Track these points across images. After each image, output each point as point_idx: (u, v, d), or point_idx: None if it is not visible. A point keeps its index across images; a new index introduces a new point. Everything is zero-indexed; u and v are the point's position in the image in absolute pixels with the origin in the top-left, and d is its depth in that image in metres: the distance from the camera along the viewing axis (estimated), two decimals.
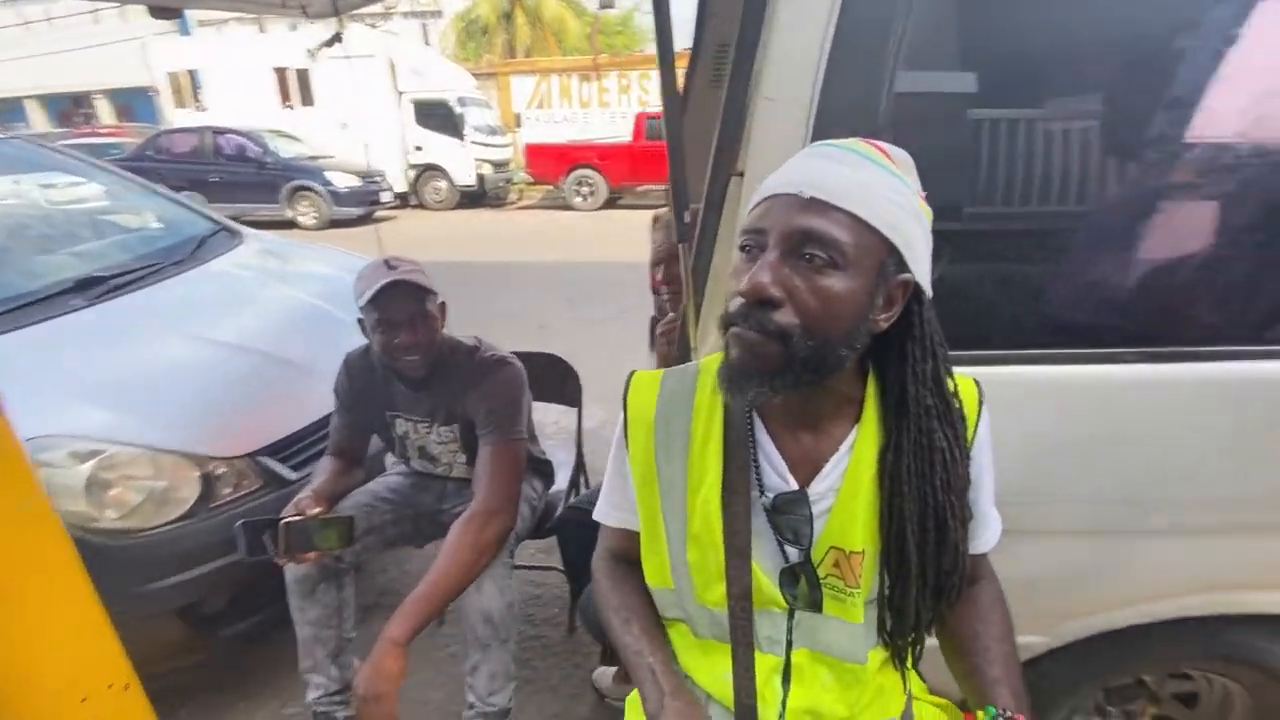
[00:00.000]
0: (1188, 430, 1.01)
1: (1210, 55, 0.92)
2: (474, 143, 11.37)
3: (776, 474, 0.76)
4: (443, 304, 1.50)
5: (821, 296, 0.64)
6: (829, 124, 0.85)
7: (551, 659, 1.93)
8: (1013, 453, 0.92)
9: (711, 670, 0.80)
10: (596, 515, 0.90)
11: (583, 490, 2.10)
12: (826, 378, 0.69)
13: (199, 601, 1.64)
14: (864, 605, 0.75)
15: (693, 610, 0.80)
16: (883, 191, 0.65)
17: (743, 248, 0.69)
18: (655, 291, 2.87)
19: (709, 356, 0.86)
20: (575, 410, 2.12)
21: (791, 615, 0.77)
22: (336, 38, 1.98)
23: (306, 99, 11.47)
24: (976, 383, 0.80)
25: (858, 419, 0.74)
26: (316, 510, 1.37)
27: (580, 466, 2.11)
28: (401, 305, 1.38)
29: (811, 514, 0.74)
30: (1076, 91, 1.02)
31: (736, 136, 0.96)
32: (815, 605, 0.76)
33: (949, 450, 0.72)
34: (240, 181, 9.41)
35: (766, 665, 0.77)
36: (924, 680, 0.91)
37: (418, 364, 1.43)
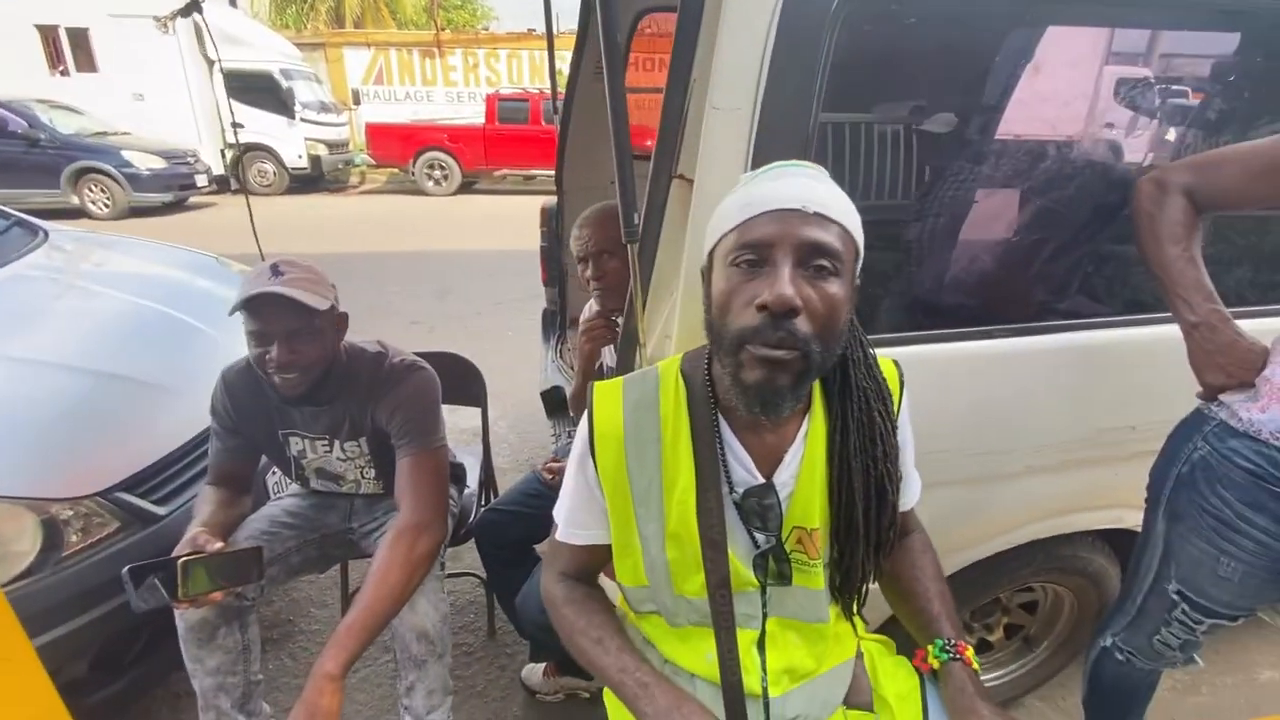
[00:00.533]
0: (1036, 390, 1.23)
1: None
2: (304, 120, 10.27)
3: (744, 469, 0.81)
4: (342, 315, 1.38)
5: (829, 304, 0.69)
6: (769, 134, 0.92)
7: (476, 665, 1.88)
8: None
9: (694, 653, 0.85)
10: (561, 538, 0.90)
11: (493, 493, 2.06)
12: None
13: (54, 672, 1.39)
14: (823, 572, 0.84)
15: (670, 602, 0.84)
16: (849, 204, 0.73)
17: (740, 262, 0.71)
18: (547, 284, 2.85)
19: (666, 361, 0.89)
20: (478, 411, 2.05)
21: (764, 591, 0.83)
22: (195, 5, 1.69)
23: (85, 64, 9.62)
24: (895, 363, 0.91)
25: (807, 410, 0.82)
26: (218, 545, 1.22)
27: (489, 468, 2.06)
28: (279, 317, 1.23)
29: (779, 501, 0.81)
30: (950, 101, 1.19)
31: (675, 141, 1.00)
32: (785, 579, 0.83)
33: (884, 425, 0.83)
34: (2, 162, 7.71)
35: (746, 638, 0.83)
36: (865, 621, 1.03)
37: (294, 383, 1.29)
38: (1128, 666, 1.20)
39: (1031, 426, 1.26)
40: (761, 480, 0.81)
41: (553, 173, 2.56)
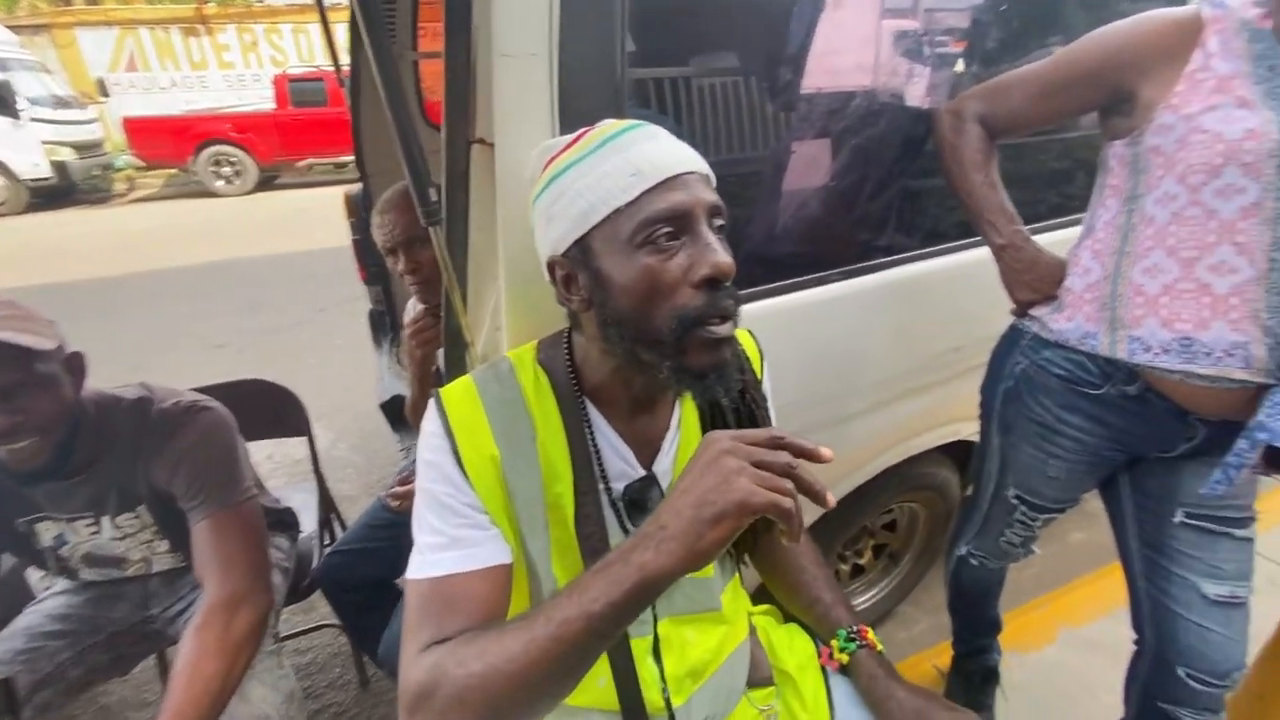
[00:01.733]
0: (868, 330, 1.26)
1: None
2: (36, 120, 8.39)
3: (623, 462, 0.73)
4: (75, 355, 1.07)
5: (735, 264, 0.63)
6: (575, 82, 0.80)
7: None
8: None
9: (583, 684, 0.74)
10: (427, 571, 0.63)
11: (338, 530, 1.81)
12: None
13: None
14: None
15: None
16: None
17: (656, 238, 0.61)
18: (368, 282, 2.53)
19: (517, 350, 0.78)
20: (304, 440, 1.77)
21: None
22: None
23: None
24: (750, 332, 0.86)
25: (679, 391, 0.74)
26: None
27: (327, 503, 1.80)
28: None
29: (662, 493, 0.73)
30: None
31: (467, 100, 0.84)
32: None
33: (755, 398, 0.78)
34: None
35: (640, 648, 0.75)
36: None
37: (28, 453, 1.02)
38: (982, 569, 1.30)
39: (869, 364, 1.30)
40: (642, 472, 0.73)
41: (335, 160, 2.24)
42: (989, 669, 1.44)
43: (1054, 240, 1.09)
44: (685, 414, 0.78)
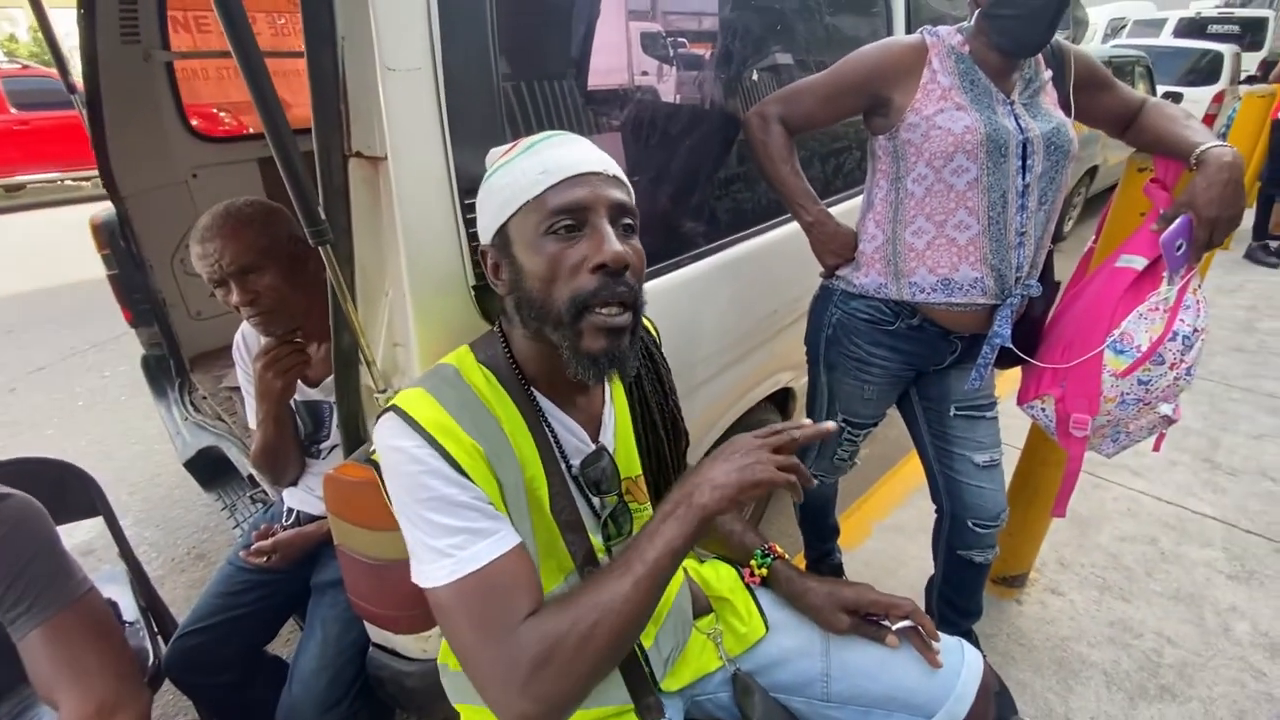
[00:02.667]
0: (708, 306, 1.45)
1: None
2: None
3: (576, 439, 0.80)
4: None
5: (640, 258, 0.72)
6: (459, 95, 0.82)
7: None
8: None
9: None
10: (464, 568, 0.63)
11: (167, 613, 1.53)
12: None
13: None
14: (651, 511, 0.88)
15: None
16: None
17: (557, 229, 0.69)
18: (135, 324, 2.10)
19: (454, 353, 0.80)
20: (94, 522, 1.47)
21: (609, 554, 0.83)
22: None
23: None
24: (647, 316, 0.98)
25: None
26: None
27: (146, 587, 1.52)
28: None
29: (612, 461, 0.81)
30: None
31: (339, 113, 0.82)
32: (626, 532, 0.85)
33: (664, 365, 0.90)
34: None
35: None
36: None
37: None
38: (822, 486, 1.59)
39: (709, 337, 1.49)
40: (593, 446, 0.82)
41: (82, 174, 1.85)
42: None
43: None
44: (615, 390, 0.87)
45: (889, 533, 2.04)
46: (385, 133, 0.78)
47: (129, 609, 1.42)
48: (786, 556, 0.99)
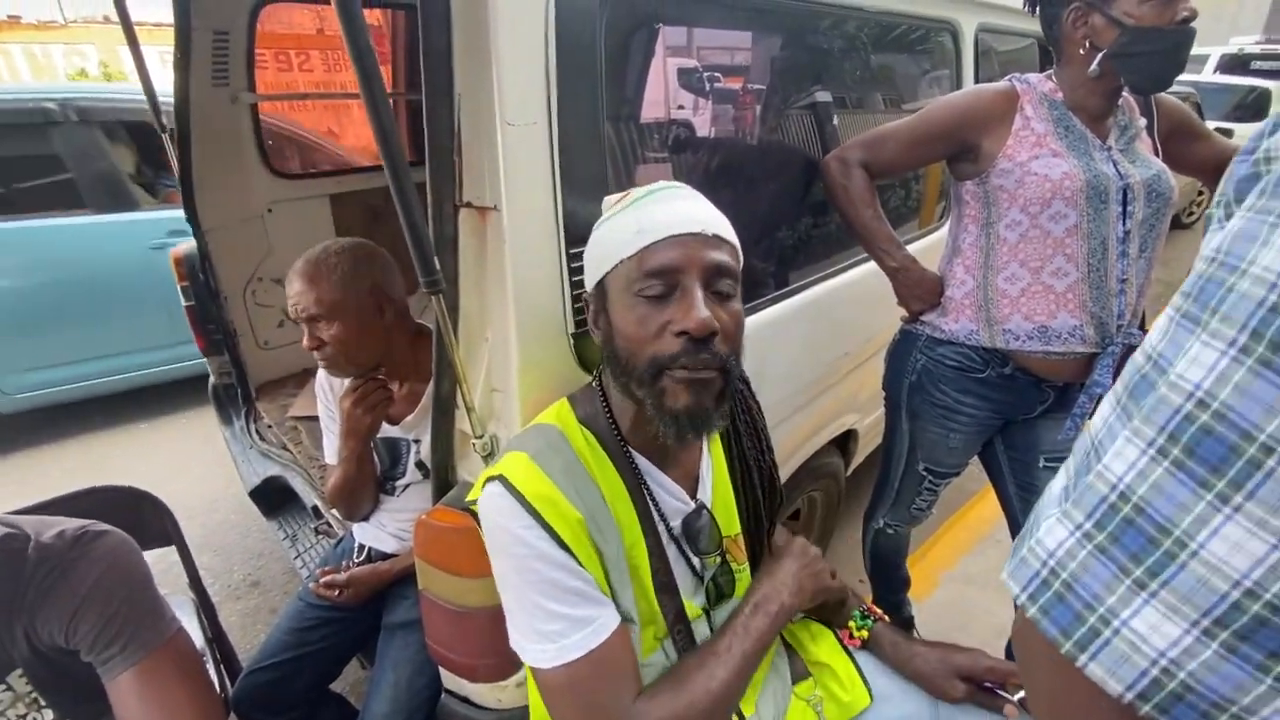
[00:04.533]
0: (788, 347, 1.43)
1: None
2: None
3: (675, 500, 0.79)
4: None
5: (736, 323, 0.70)
6: (569, 148, 0.83)
7: None
8: None
9: None
10: (572, 653, 0.66)
11: (230, 644, 1.54)
12: None
13: None
14: (749, 571, 0.86)
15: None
16: (728, 222, 0.74)
17: (647, 292, 0.68)
18: (208, 353, 2.16)
19: (549, 414, 0.80)
20: (175, 550, 1.50)
21: (708, 615, 0.81)
22: None
23: None
24: None
25: None
26: None
27: (213, 618, 1.53)
28: None
29: (713, 519, 0.79)
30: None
31: (452, 164, 0.83)
32: (726, 595, 0.83)
33: (760, 420, 0.88)
34: None
35: None
36: None
37: None
38: (896, 536, 1.53)
39: (782, 379, 1.47)
40: (693, 505, 0.80)
41: None
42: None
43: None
44: (713, 446, 0.85)
45: (958, 584, 1.96)
46: (501, 184, 0.79)
47: (196, 639, 1.43)
48: (888, 619, 0.95)
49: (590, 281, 0.77)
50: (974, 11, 1.84)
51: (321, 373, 1.34)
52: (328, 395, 1.33)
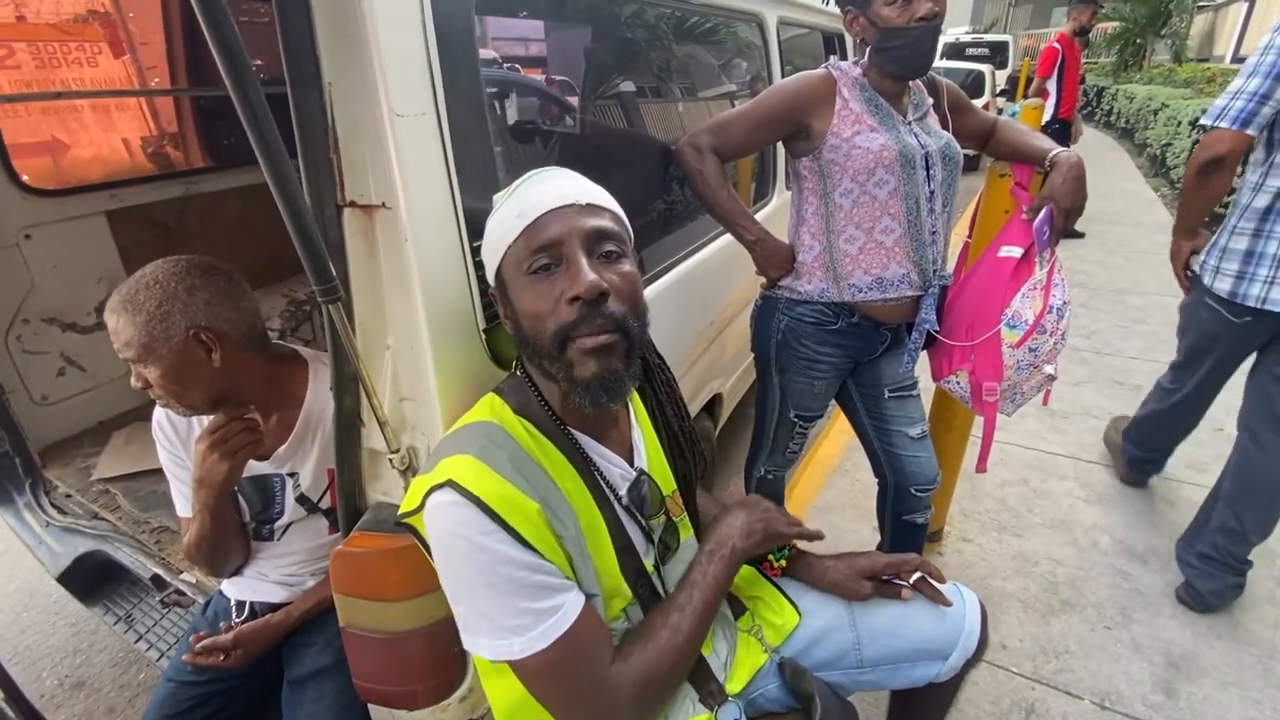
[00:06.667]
0: (667, 320, 1.52)
1: None
2: None
3: (618, 470, 0.82)
4: None
5: (628, 282, 0.73)
6: (461, 137, 0.81)
7: None
8: None
9: None
10: (547, 639, 0.66)
11: None
12: None
13: None
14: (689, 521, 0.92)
15: None
16: (607, 193, 0.78)
17: (536, 269, 0.71)
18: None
19: (478, 410, 0.78)
20: None
21: (659, 572, 0.86)
22: None
23: None
24: None
25: None
26: None
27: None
28: None
29: (654, 483, 0.84)
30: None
31: (331, 162, 0.77)
32: (673, 548, 0.89)
33: (673, 381, 0.94)
34: None
35: None
36: None
37: None
38: (776, 480, 1.70)
39: (667, 352, 1.55)
40: (634, 473, 0.84)
41: None
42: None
43: None
44: (638, 412, 0.90)
45: (821, 513, 2.22)
46: (396, 179, 0.75)
47: None
48: (798, 546, 1.07)
49: (490, 274, 0.78)
50: (775, 6, 2.05)
51: (159, 412, 1.15)
52: (170, 437, 1.15)
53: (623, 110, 1.64)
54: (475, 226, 0.84)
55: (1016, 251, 1.40)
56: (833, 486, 2.36)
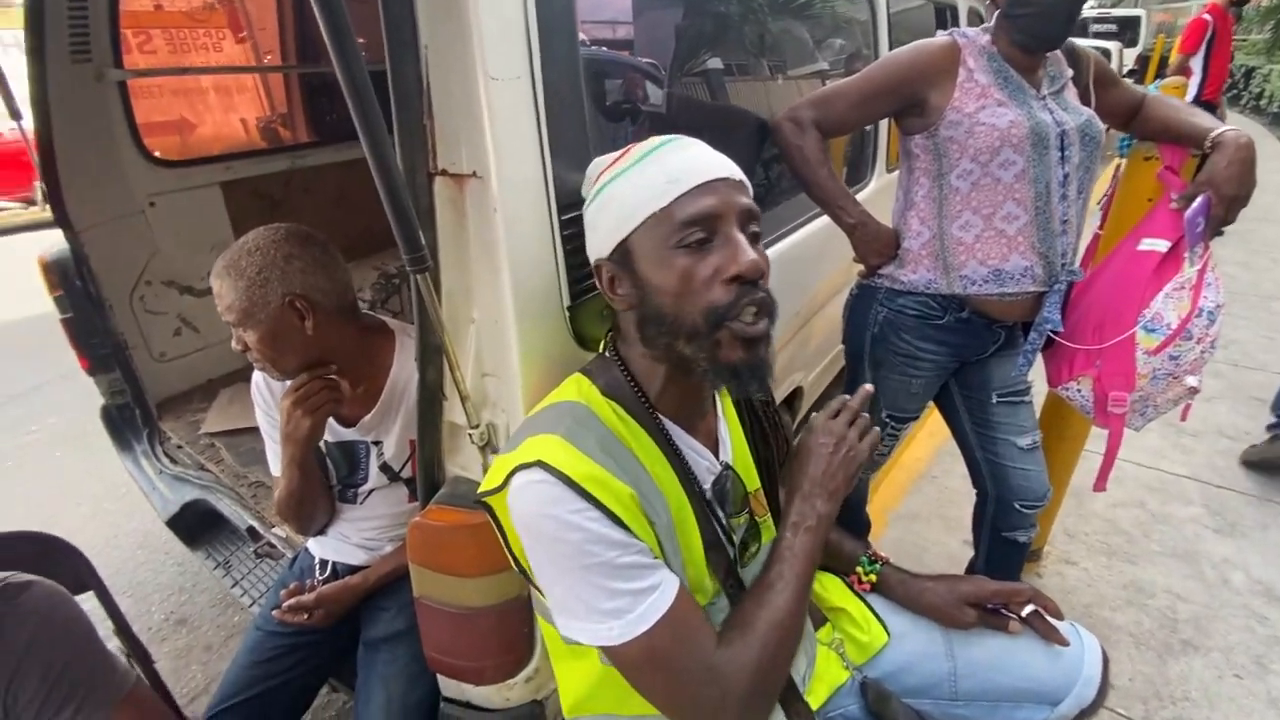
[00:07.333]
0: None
1: None
2: None
3: (705, 461, 0.78)
4: None
5: (766, 263, 0.69)
6: (556, 103, 0.77)
7: None
8: None
9: None
10: (644, 624, 0.62)
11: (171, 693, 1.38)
12: None
13: None
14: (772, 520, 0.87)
15: None
16: None
17: (688, 242, 0.66)
18: (93, 372, 1.88)
19: (565, 390, 0.75)
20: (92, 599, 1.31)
21: (739, 569, 0.80)
22: None
23: None
24: None
25: None
26: None
27: (148, 666, 1.36)
28: None
29: (738, 477, 0.79)
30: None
31: (424, 129, 0.75)
32: (755, 548, 0.83)
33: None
34: None
35: None
36: None
37: None
38: (859, 482, 1.59)
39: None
40: (720, 466, 0.79)
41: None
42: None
43: None
44: (725, 405, 0.85)
45: (905, 521, 2.09)
46: (487, 147, 0.72)
47: None
48: (891, 561, 0.98)
49: (606, 246, 0.72)
50: None
51: (258, 374, 1.20)
52: (267, 399, 1.20)
53: (709, 90, 1.56)
54: (566, 199, 0.80)
55: (1161, 245, 1.23)
56: (919, 493, 2.21)
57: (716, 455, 0.80)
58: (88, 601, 1.22)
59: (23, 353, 3.80)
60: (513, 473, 0.65)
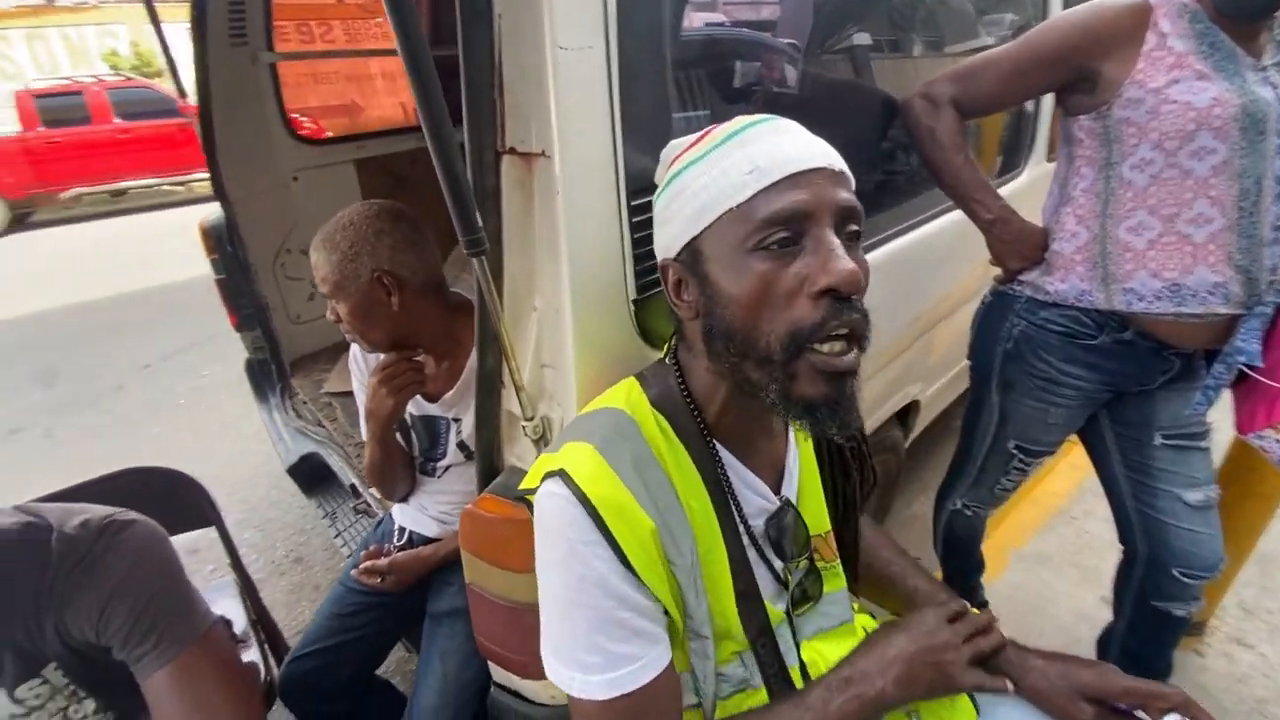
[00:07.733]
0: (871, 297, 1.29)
1: None
2: None
3: (758, 496, 0.68)
4: None
5: (865, 272, 0.57)
6: (632, 78, 0.70)
7: None
8: None
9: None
10: (613, 690, 0.57)
11: (275, 625, 1.50)
12: None
13: None
14: (841, 568, 0.75)
15: (709, 683, 0.66)
16: None
17: (770, 244, 0.55)
18: (240, 328, 2.11)
19: (616, 394, 0.68)
20: (213, 532, 1.45)
21: (790, 621, 0.71)
22: None
23: None
24: None
25: None
26: None
27: (256, 601, 1.49)
28: None
29: (800, 519, 0.69)
30: None
31: (494, 105, 0.71)
32: (813, 599, 0.72)
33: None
34: None
35: (793, 675, 0.70)
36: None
37: None
38: (973, 519, 1.40)
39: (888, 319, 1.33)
40: (778, 502, 0.68)
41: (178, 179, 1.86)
42: (982, 605, 1.57)
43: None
44: (797, 431, 0.73)
45: (1030, 564, 1.82)
46: (552, 124, 0.66)
47: (239, 621, 1.40)
48: (997, 623, 0.83)
49: (677, 243, 0.61)
50: None
51: (354, 347, 1.26)
52: (361, 369, 1.25)
53: (853, 67, 1.40)
54: (637, 183, 0.73)
55: None
56: (1052, 533, 1.92)
57: (778, 489, 0.70)
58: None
59: (201, 308, 4.40)
60: (545, 477, 0.60)
